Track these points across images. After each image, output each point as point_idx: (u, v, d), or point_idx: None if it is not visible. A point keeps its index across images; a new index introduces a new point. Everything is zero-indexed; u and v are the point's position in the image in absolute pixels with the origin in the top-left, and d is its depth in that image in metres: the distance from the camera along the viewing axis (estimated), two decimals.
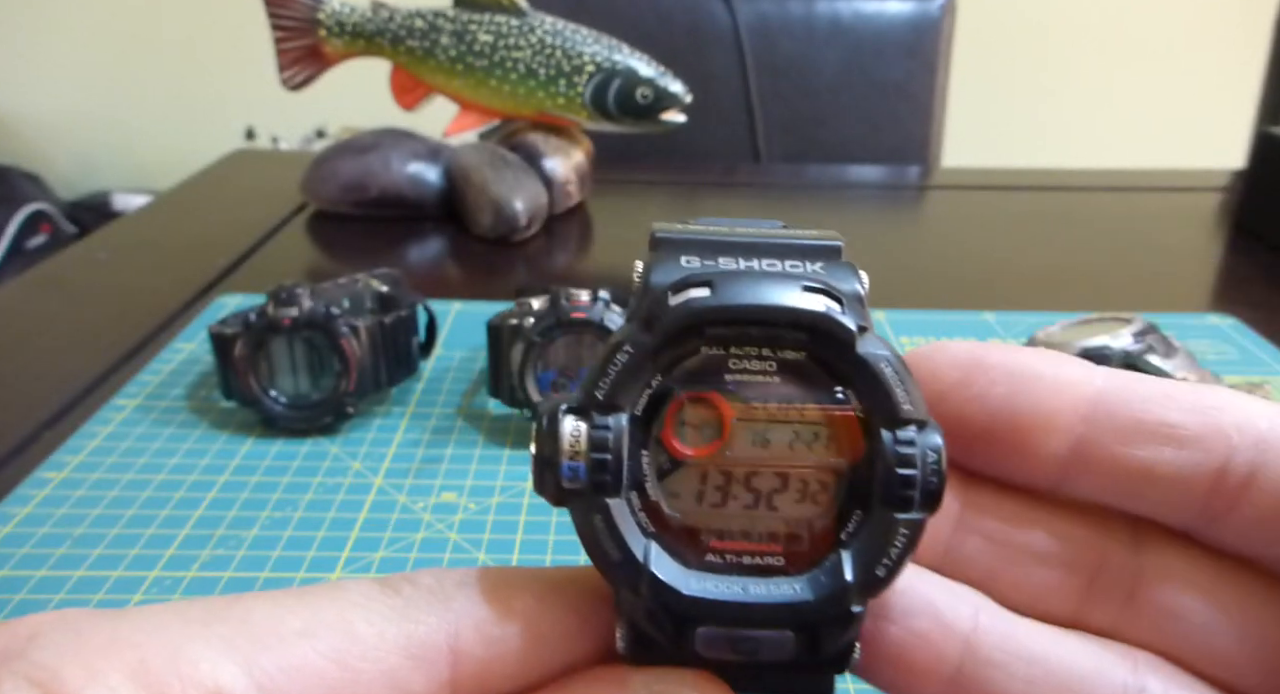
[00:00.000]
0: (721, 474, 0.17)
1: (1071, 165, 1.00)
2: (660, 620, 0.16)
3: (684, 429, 0.17)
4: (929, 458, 0.16)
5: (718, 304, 0.16)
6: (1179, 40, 1.90)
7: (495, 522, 0.39)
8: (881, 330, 0.55)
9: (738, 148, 1.13)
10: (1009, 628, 0.17)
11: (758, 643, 0.16)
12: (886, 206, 0.90)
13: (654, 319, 0.16)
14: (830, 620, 0.16)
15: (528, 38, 0.71)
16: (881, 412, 0.16)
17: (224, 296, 0.60)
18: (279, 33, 0.74)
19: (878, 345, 0.16)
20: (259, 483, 0.41)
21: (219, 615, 0.16)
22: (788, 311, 0.16)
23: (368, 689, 0.16)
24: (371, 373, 0.45)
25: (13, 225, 1.79)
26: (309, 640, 0.16)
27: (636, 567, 0.16)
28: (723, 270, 0.16)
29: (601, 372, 0.16)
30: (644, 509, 0.16)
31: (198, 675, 0.15)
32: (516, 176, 0.71)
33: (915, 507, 0.16)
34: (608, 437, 0.16)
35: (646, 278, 0.16)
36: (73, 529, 0.38)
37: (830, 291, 0.16)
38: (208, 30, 1.97)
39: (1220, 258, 0.73)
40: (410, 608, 0.16)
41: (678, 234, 0.17)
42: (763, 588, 0.16)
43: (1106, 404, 0.16)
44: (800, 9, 1.11)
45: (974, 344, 0.17)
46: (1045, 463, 0.16)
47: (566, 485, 0.16)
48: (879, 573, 0.16)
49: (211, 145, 1.21)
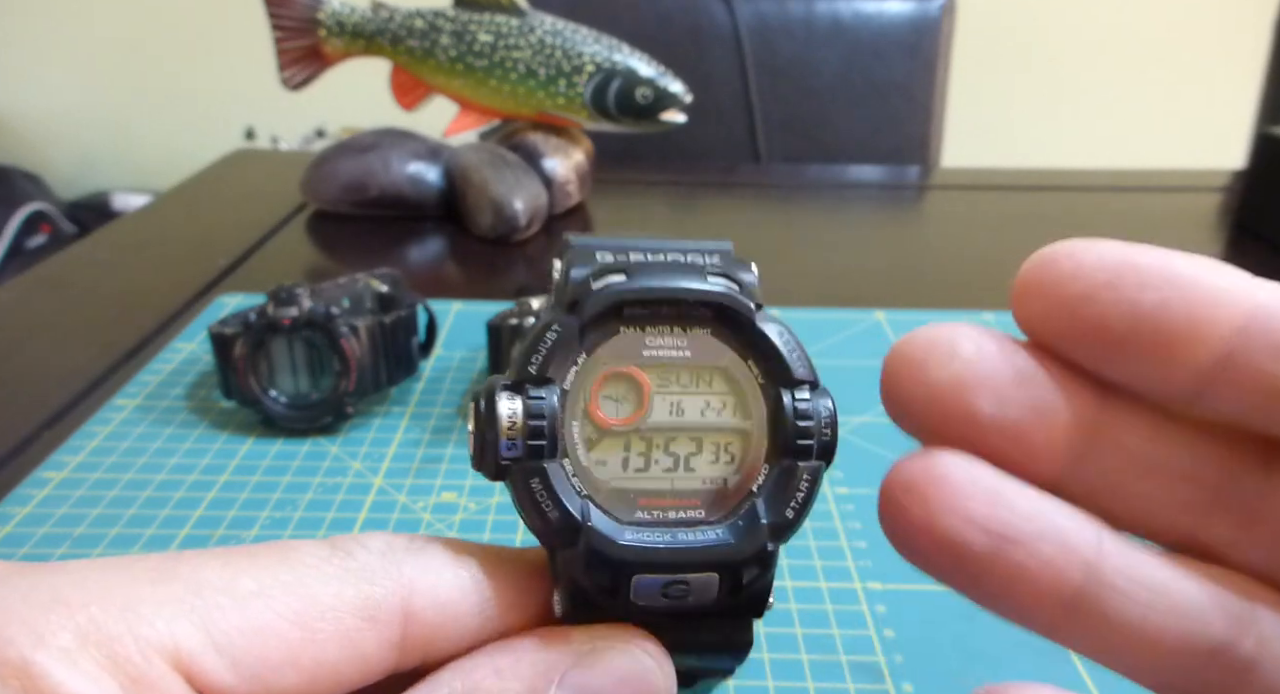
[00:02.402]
0: (643, 441, 0.18)
1: (1071, 165, 1.00)
2: (599, 572, 0.17)
3: (608, 402, 0.18)
4: (823, 414, 0.18)
5: (634, 286, 0.18)
6: (1179, 40, 1.90)
7: (495, 522, 0.39)
8: (881, 330, 0.56)
9: (738, 148, 1.13)
10: (1132, 555, 0.16)
11: (687, 587, 0.18)
12: (886, 206, 0.90)
13: (579, 302, 0.18)
14: (751, 559, 0.18)
15: (528, 38, 0.71)
16: (779, 377, 0.18)
17: (224, 296, 0.60)
18: (279, 33, 0.74)
19: (772, 321, 0.19)
20: (259, 483, 0.41)
21: (167, 573, 0.16)
22: (695, 292, 0.18)
23: (323, 649, 0.16)
24: (371, 373, 0.45)
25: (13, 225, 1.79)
26: (265, 600, 0.16)
27: (574, 523, 0.17)
28: (635, 261, 0.18)
29: (532, 350, 0.18)
30: (575, 475, 0.18)
31: (154, 635, 0.15)
32: (516, 176, 0.71)
33: (814, 456, 0.18)
34: (543, 405, 0.18)
35: (566, 271, 0.18)
36: (73, 529, 0.38)
37: (730, 276, 0.19)
38: (208, 30, 1.97)
39: (1220, 258, 0.73)
40: (365, 571, 0.17)
41: (591, 239, 0.19)
42: (689, 535, 0.18)
43: (1264, 318, 0.15)
44: (800, 9, 1.11)
45: (1124, 244, 0.16)
46: (1188, 374, 0.15)
47: (505, 457, 0.17)
48: (788, 515, 0.18)
49: (211, 145, 1.21)
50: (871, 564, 0.36)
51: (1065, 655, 0.32)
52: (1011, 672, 0.31)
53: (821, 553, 0.37)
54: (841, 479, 0.42)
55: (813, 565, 0.36)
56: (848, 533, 0.38)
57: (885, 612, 0.34)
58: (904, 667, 0.32)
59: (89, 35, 2.03)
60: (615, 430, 0.18)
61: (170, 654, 0.15)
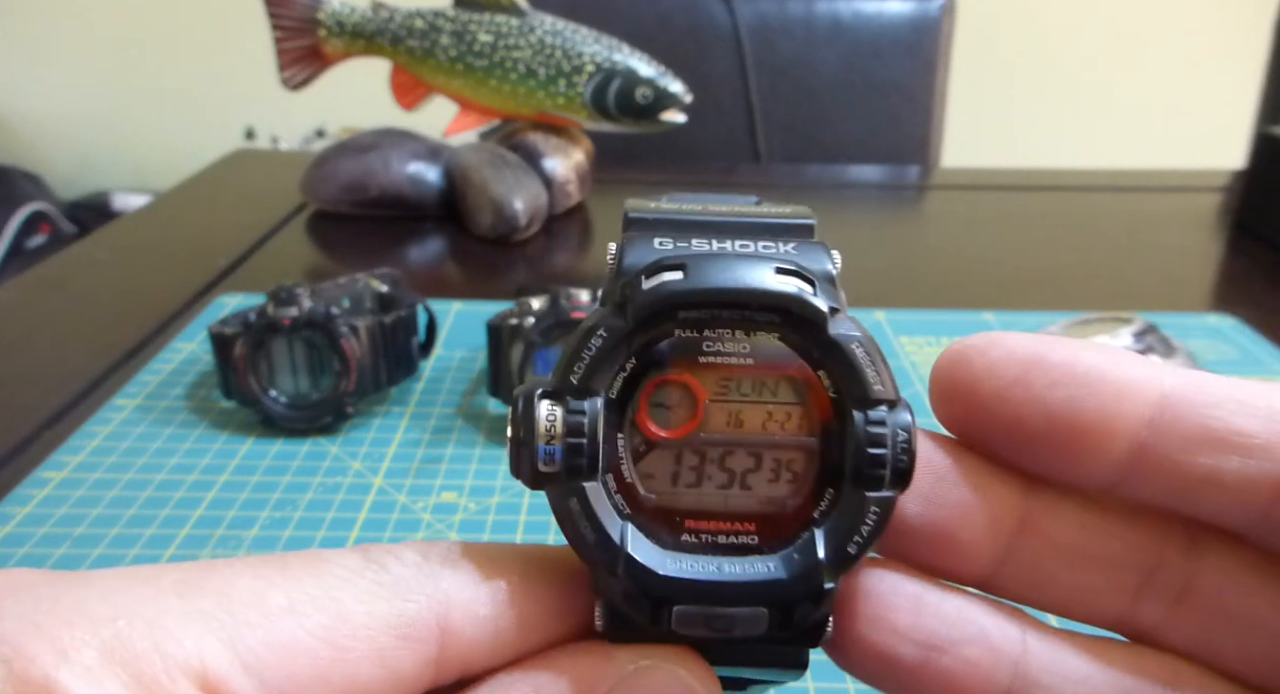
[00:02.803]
0: (695, 455, 0.17)
1: (1071, 165, 1.00)
2: (637, 600, 0.16)
3: (658, 411, 0.17)
4: (899, 437, 0.16)
5: (690, 288, 0.16)
6: (1179, 40, 1.90)
7: (495, 522, 0.39)
8: (881, 330, 0.56)
9: (738, 148, 1.13)
10: (1056, 649, 0.16)
11: (732, 620, 0.16)
12: (886, 206, 0.90)
13: (627, 303, 0.16)
14: (803, 597, 0.16)
15: (528, 38, 0.71)
16: (853, 392, 0.16)
17: (224, 296, 0.60)
18: (279, 33, 0.74)
19: (849, 326, 0.16)
20: (259, 483, 0.41)
21: (196, 586, 0.15)
22: (759, 294, 0.16)
23: (356, 667, 0.15)
24: (371, 373, 0.45)
25: (13, 225, 1.79)
26: (296, 617, 0.15)
27: (613, 548, 0.16)
28: (695, 253, 0.16)
29: (576, 355, 0.16)
30: (620, 491, 0.17)
31: (181, 654, 0.14)
32: (516, 176, 0.71)
33: (885, 485, 0.16)
34: (583, 421, 0.16)
35: (620, 260, 0.16)
36: (73, 529, 0.38)
37: (802, 273, 0.16)
38: (208, 30, 1.97)
39: (1220, 258, 0.73)
40: (399, 586, 0.16)
41: (651, 213, 0.17)
42: (737, 567, 0.16)
43: (1172, 409, 0.15)
44: (800, 9, 1.11)
45: (1032, 339, 0.16)
46: (1104, 467, 0.16)
47: (542, 468, 0.16)
48: (850, 550, 0.16)
49: (211, 145, 1.21)
50: None
51: None
52: None
53: None
54: None
55: None
56: None
57: None
58: None
59: (89, 35, 2.03)
60: (665, 442, 0.17)
61: (197, 674, 0.14)
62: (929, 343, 0.54)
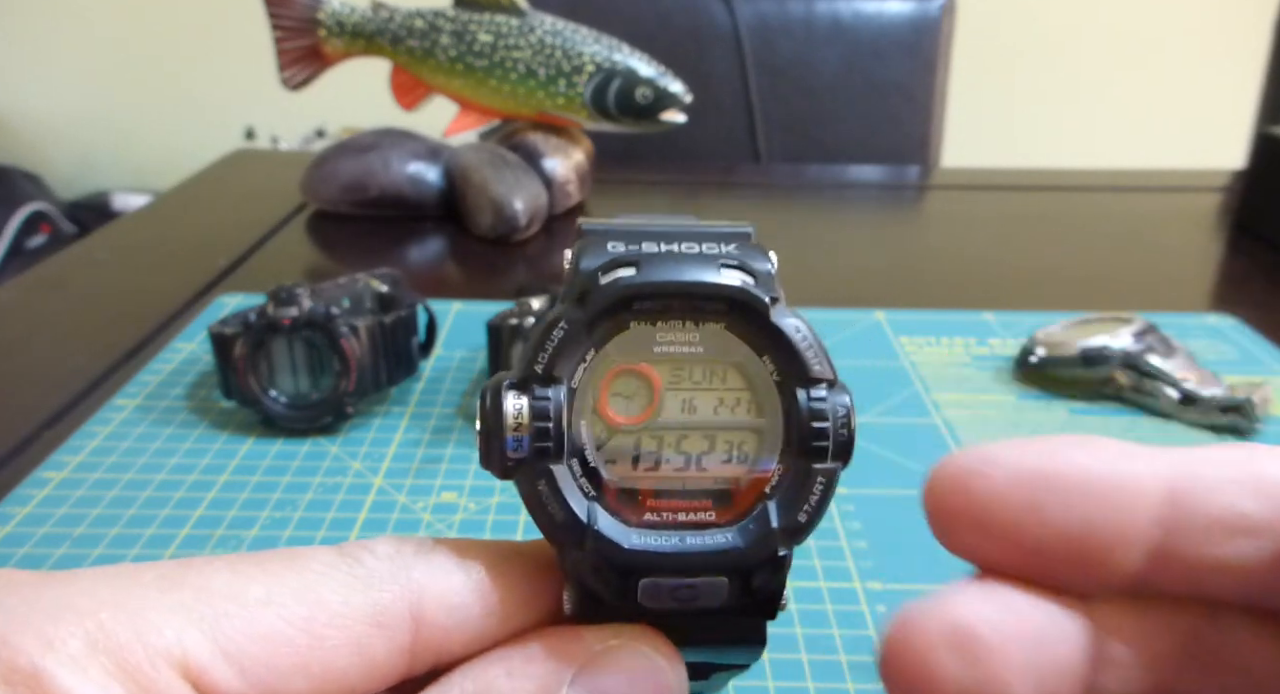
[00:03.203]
0: (654, 439, 0.18)
1: (1071, 165, 1.00)
2: (605, 574, 0.17)
3: (617, 400, 0.18)
4: (839, 413, 0.18)
5: (644, 280, 0.17)
6: (1179, 40, 1.90)
7: (495, 522, 0.39)
8: (881, 330, 0.56)
9: (738, 148, 1.13)
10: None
11: (696, 590, 0.17)
12: (886, 206, 0.90)
13: (586, 296, 0.17)
14: (761, 564, 0.17)
15: (528, 38, 0.71)
16: (795, 373, 0.18)
17: (224, 296, 0.60)
18: (279, 33, 0.74)
19: (788, 314, 0.18)
20: (259, 483, 0.41)
21: (175, 581, 0.16)
22: (707, 286, 0.18)
23: (333, 655, 0.16)
24: (371, 373, 0.45)
25: (13, 225, 1.79)
26: (274, 608, 0.16)
27: (580, 525, 0.17)
28: (646, 252, 0.18)
29: (539, 347, 0.17)
30: (584, 475, 0.18)
31: (162, 643, 0.15)
32: (516, 176, 0.71)
33: (829, 457, 0.18)
34: (548, 406, 0.17)
35: (576, 262, 0.18)
36: (73, 529, 0.38)
37: (745, 268, 0.18)
38: (208, 30, 1.97)
39: (1220, 258, 0.73)
40: (373, 576, 0.17)
41: (602, 225, 0.19)
42: (698, 539, 0.17)
43: (1179, 505, 0.15)
44: (800, 9, 1.11)
45: (1026, 452, 0.16)
46: (1124, 575, 0.16)
47: (511, 456, 0.17)
48: (801, 519, 0.18)
49: (211, 145, 1.21)
50: (871, 564, 0.36)
51: None
52: None
53: (821, 553, 0.37)
54: (841, 479, 0.41)
55: (813, 565, 0.36)
56: (848, 533, 0.38)
57: (885, 612, 0.34)
58: None
59: (89, 35, 2.03)
60: (625, 429, 0.18)
61: (178, 662, 0.15)
62: (929, 343, 0.54)
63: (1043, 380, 0.50)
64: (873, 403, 0.48)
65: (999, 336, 0.55)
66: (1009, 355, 0.52)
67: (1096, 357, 0.47)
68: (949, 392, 0.49)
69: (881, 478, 0.42)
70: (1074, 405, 0.48)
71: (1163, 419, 0.46)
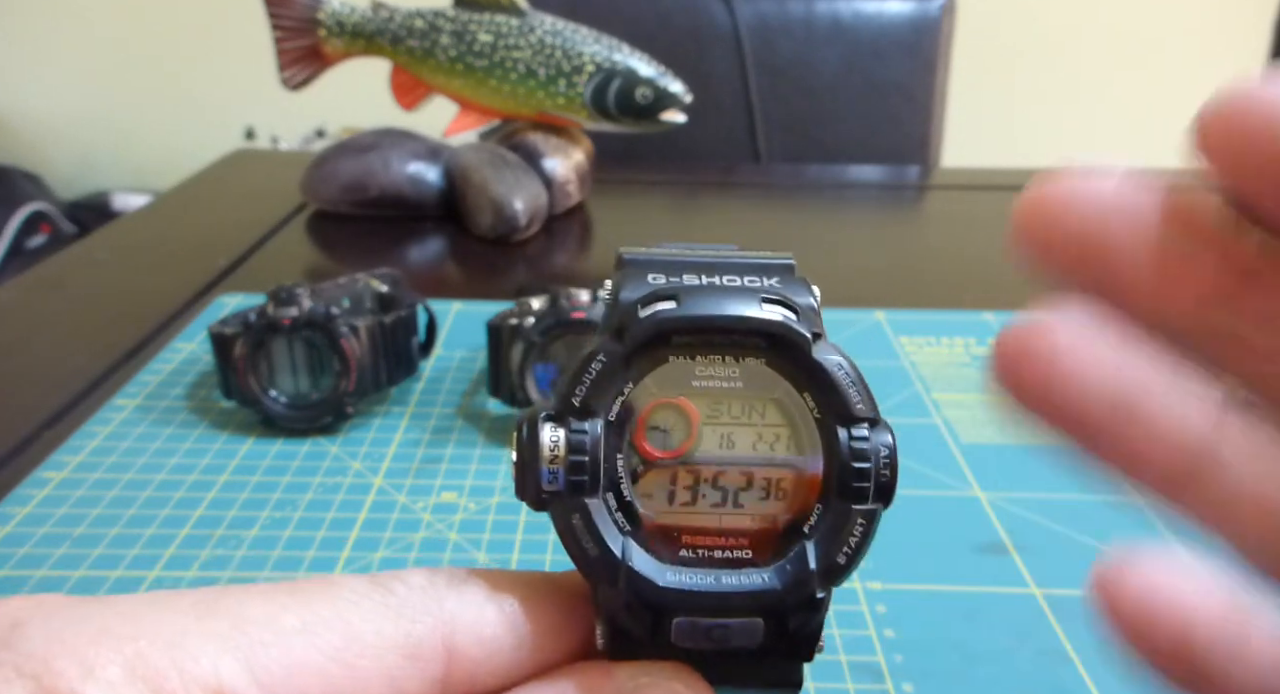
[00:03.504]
0: (690, 474, 0.18)
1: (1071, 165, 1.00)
2: (638, 613, 0.17)
3: (655, 433, 0.18)
4: (881, 453, 0.17)
5: (683, 314, 0.17)
6: (1179, 40, 1.90)
7: (495, 521, 0.39)
8: (881, 330, 0.56)
9: (738, 148, 1.13)
10: (1251, 427, 0.15)
11: (730, 631, 0.17)
12: (886, 206, 0.90)
13: (625, 330, 0.17)
14: (797, 606, 0.17)
15: (528, 38, 0.71)
16: (836, 411, 0.17)
17: (224, 296, 0.60)
18: (279, 33, 0.74)
19: (831, 351, 0.18)
20: (259, 483, 0.41)
21: (211, 609, 0.16)
22: (748, 321, 0.17)
23: (364, 686, 0.16)
24: (371, 373, 0.45)
25: (13, 225, 1.79)
26: (308, 637, 0.16)
27: (614, 562, 0.17)
28: (687, 285, 0.18)
29: (577, 379, 0.17)
30: (620, 509, 0.17)
31: (198, 671, 0.15)
32: (516, 176, 0.71)
33: (869, 499, 0.17)
34: (585, 440, 0.17)
35: (616, 294, 0.18)
36: (73, 529, 0.38)
37: (786, 302, 0.18)
38: (208, 30, 1.97)
39: None
40: (406, 607, 0.17)
41: (644, 255, 0.18)
42: (733, 578, 0.17)
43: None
44: (800, 9, 1.11)
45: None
46: None
47: (546, 488, 0.17)
48: (840, 560, 0.17)
49: (211, 145, 1.21)
50: (871, 564, 0.36)
51: (1065, 655, 0.32)
52: (1011, 672, 0.31)
53: None
54: None
55: None
56: None
57: (885, 612, 0.34)
58: (904, 667, 0.32)
59: (89, 35, 2.03)
60: (662, 463, 0.18)
61: (213, 690, 0.15)
62: (929, 343, 0.54)
63: None
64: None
65: None
66: None
67: None
68: (949, 392, 0.49)
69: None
70: None
71: None
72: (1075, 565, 0.36)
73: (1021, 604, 0.34)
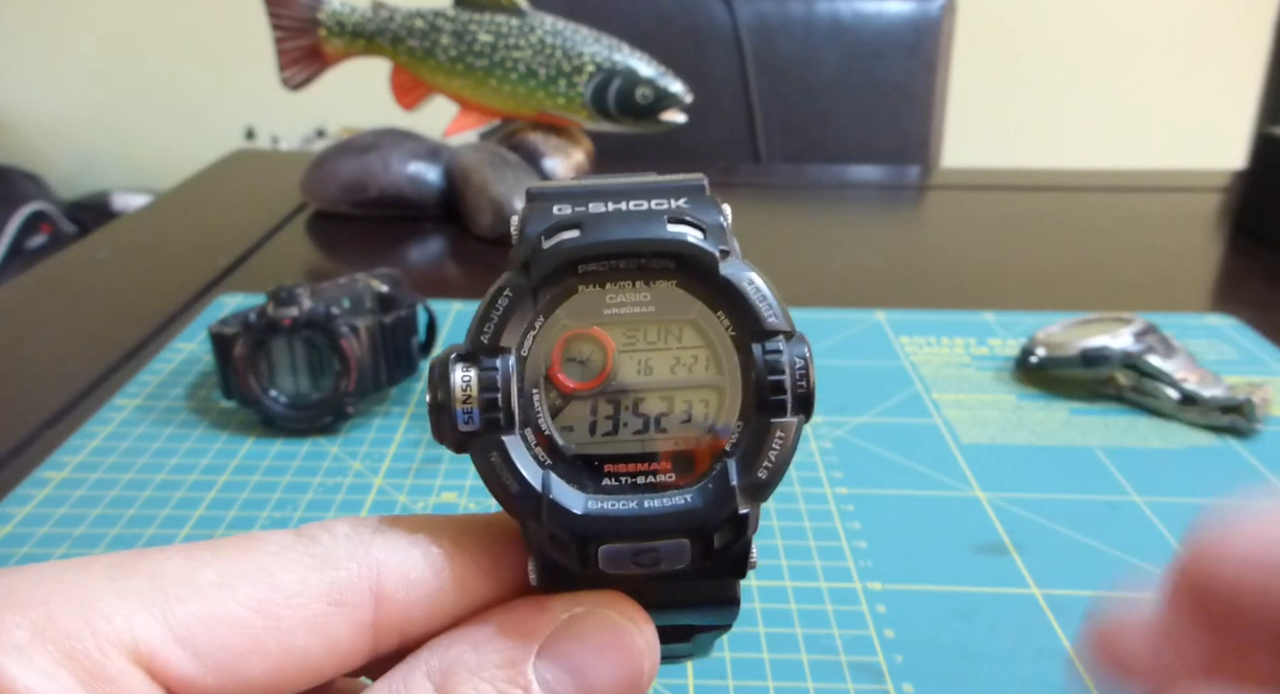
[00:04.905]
0: (610, 404, 0.18)
1: (1071, 165, 1.00)
2: (564, 544, 0.17)
3: (570, 365, 0.18)
4: (797, 365, 0.17)
5: (587, 241, 0.17)
6: (1179, 40, 1.90)
7: None
8: (881, 330, 0.56)
9: (738, 148, 1.13)
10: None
11: (657, 554, 0.17)
12: (886, 206, 0.90)
13: (530, 262, 0.17)
14: (721, 523, 0.17)
15: (528, 38, 0.71)
16: (749, 327, 0.17)
17: (224, 296, 0.60)
18: (279, 33, 0.74)
19: (740, 267, 0.17)
20: (259, 483, 0.41)
21: (127, 569, 0.16)
22: (651, 242, 0.17)
23: (290, 636, 0.16)
24: (371, 373, 0.45)
25: (13, 225, 1.79)
26: (227, 591, 0.16)
27: (535, 495, 0.17)
28: (592, 213, 0.17)
29: (485, 317, 0.17)
30: (539, 444, 0.17)
31: (112, 630, 0.15)
32: (516, 176, 0.71)
33: (788, 411, 0.17)
34: (496, 376, 0.17)
35: (521, 229, 0.18)
36: (73, 529, 0.38)
37: (693, 221, 0.17)
38: (208, 30, 1.97)
39: (1220, 258, 0.73)
40: (331, 555, 0.17)
41: (551, 188, 0.18)
42: (655, 501, 0.17)
43: None
44: (800, 9, 1.11)
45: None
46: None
47: (463, 429, 0.17)
48: (760, 476, 0.17)
49: (211, 145, 1.21)
50: (871, 564, 0.36)
51: (1065, 655, 0.32)
52: (1012, 672, 0.31)
53: (821, 553, 0.37)
54: (841, 479, 0.42)
55: (813, 565, 0.36)
56: (848, 533, 0.38)
57: (885, 612, 0.34)
58: (904, 667, 0.32)
59: (89, 35, 2.03)
60: (580, 395, 0.18)
61: (129, 648, 0.15)
62: (929, 343, 0.54)
63: (1043, 380, 0.50)
64: (873, 403, 0.48)
65: (999, 336, 0.55)
66: (1009, 355, 0.52)
67: (1096, 357, 0.47)
68: (949, 392, 0.49)
69: (881, 478, 0.42)
70: (1074, 406, 0.48)
71: (1163, 419, 0.46)
72: (1075, 565, 0.36)
73: (1021, 604, 0.34)
